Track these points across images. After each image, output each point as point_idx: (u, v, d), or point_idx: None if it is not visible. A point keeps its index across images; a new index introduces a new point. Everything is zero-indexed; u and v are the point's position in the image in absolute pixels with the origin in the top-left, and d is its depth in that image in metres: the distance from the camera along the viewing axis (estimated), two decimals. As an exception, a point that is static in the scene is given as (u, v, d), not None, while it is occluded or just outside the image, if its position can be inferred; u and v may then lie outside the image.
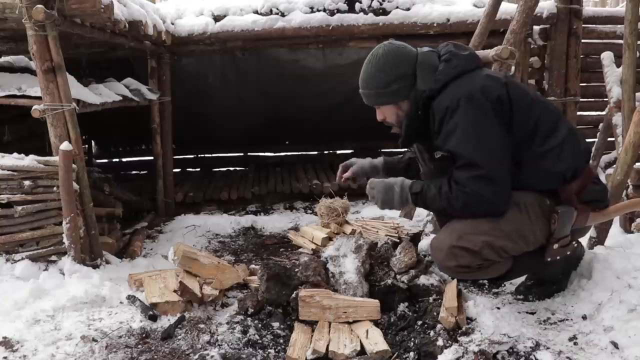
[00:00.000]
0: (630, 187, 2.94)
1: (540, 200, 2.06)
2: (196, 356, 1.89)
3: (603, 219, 2.27)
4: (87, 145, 5.60)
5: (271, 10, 4.23)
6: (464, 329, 1.92)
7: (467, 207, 2.01)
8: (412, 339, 1.94)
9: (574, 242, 2.17)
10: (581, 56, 4.31)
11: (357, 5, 4.22)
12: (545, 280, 2.21)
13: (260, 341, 2.01)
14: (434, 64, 2.10)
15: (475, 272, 2.09)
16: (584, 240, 2.63)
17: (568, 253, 2.14)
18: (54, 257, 2.64)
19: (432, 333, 1.93)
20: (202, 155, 5.96)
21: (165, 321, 2.15)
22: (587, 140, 4.44)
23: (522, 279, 2.30)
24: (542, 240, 2.08)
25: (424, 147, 2.24)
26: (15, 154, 2.67)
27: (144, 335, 2.06)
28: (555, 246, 2.09)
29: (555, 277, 2.21)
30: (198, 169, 5.86)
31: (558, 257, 2.12)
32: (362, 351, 1.90)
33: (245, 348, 1.96)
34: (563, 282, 2.23)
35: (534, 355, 1.81)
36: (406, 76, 2.11)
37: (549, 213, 2.05)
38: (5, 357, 1.90)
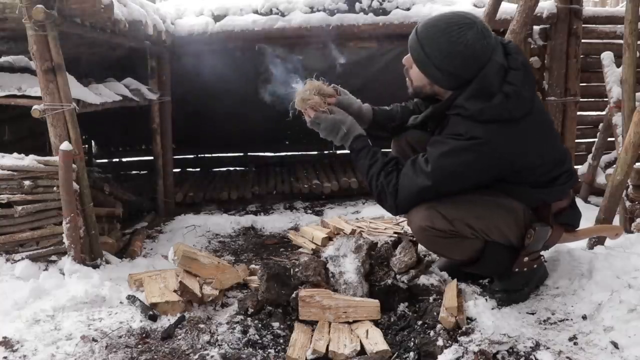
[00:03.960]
0: (630, 187, 2.94)
1: (525, 210, 2.13)
2: (196, 356, 1.89)
3: (573, 239, 2.37)
4: (87, 145, 5.59)
5: (271, 10, 4.23)
6: (464, 329, 1.92)
7: (378, 194, 2.12)
8: (412, 339, 1.94)
9: (542, 257, 2.25)
10: (581, 56, 4.30)
11: (357, 5, 4.22)
12: (508, 288, 2.20)
13: (260, 341, 2.01)
14: (492, 90, 1.96)
15: (448, 240, 2.08)
16: (584, 241, 2.64)
17: (535, 266, 2.21)
18: (54, 257, 2.64)
19: (432, 333, 1.93)
20: (202, 155, 5.95)
21: (165, 321, 2.15)
22: (587, 140, 4.53)
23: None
24: (515, 241, 2.14)
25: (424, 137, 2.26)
26: (15, 154, 2.66)
27: (144, 335, 2.06)
28: (526, 259, 2.16)
29: (517, 286, 2.20)
30: (198, 169, 5.86)
31: (525, 269, 2.18)
32: (362, 351, 1.91)
33: (245, 348, 1.96)
34: (524, 292, 2.22)
35: (534, 355, 1.81)
36: (462, 79, 2.00)
37: (527, 226, 2.12)
38: (5, 357, 1.90)
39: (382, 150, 2.22)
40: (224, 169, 5.85)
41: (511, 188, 2.09)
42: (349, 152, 2.25)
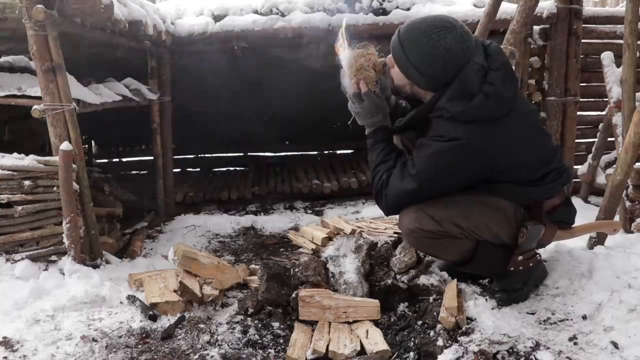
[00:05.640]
0: (630, 187, 2.94)
1: (516, 209, 2.13)
2: (196, 356, 1.89)
3: (568, 237, 2.35)
4: (87, 145, 5.59)
5: (271, 10, 4.23)
6: (464, 329, 1.92)
7: (376, 193, 2.17)
8: (412, 339, 1.94)
9: (537, 255, 2.24)
10: (581, 56, 4.31)
11: (357, 5, 4.22)
12: (507, 288, 2.20)
13: (260, 341, 2.01)
14: (472, 91, 1.98)
15: (438, 241, 2.10)
16: (583, 241, 2.64)
17: (531, 265, 2.21)
18: (54, 257, 2.64)
19: (432, 333, 1.93)
20: (202, 155, 5.95)
21: (165, 321, 2.15)
22: (587, 140, 4.53)
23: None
24: (507, 240, 2.15)
25: (410, 138, 2.27)
26: (15, 154, 2.66)
27: (144, 335, 2.06)
28: (520, 258, 2.17)
29: (516, 286, 2.20)
30: (198, 169, 5.86)
31: (520, 268, 2.18)
32: (362, 351, 1.90)
33: (245, 348, 1.96)
34: (524, 291, 2.22)
35: (534, 355, 1.81)
36: (440, 82, 2.03)
37: (519, 225, 2.13)
38: (5, 357, 1.90)
39: (399, 150, 2.24)
40: (224, 169, 5.86)
41: (499, 187, 2.10)
42: (367, 136, 2.26)
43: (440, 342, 1.86)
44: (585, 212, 3.13)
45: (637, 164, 2.78)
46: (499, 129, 2.00)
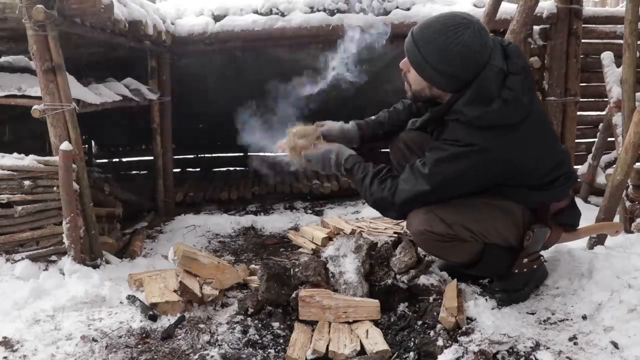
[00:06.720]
0: (630, 187, 2.94)
1: (523, 212, 2.13)
2: (196, 356, 1.89)
3: (573, 238, 2.37)
4: (87, 145, 5.59)
5: (271, 10, 4.23)
6: (464, 329, 1.92)
7: (378, 199, 2.14)
8: (412, 339, 1.94)
9: (541, 257, 2.25)
10: (581, 56, 4.31)
11: (357, 5, 4.22)
12: (508, 289, 2.20)
13: (260, 341, 2.01)
14: (490, 96, 1.94)
15: (447, 244, 2.09)
16: (584, 241, 2.64)
17: (534, 267, 2.21)
18: (54, 257, 2.64)
19: (432, 333, 1.93)
20: (202, 155, 5.95)
21: (165, 321, 2.15)
22: (587, 140, 4.53)
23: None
24: (514, 243, 2.15)
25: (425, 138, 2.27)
26: (15, 154, 2.66)
27: (144, 335, 2.06)
28: (525, 260, 2.17)
29: (517, 286, 2.21)
30: (198, 169, 5.86)
31: (525, 270, 2.18)
32: (362, 351, 1.90)
33: (245, 348, 1.96)
34: (524, 292, 2.22)
35: (534, 355, 1.81)
36: (461, 81, 1.97)
37: (525, 228, 2.13)
38: (5, 357, 1.90)
39: (373, 163, 2.26)
40: (224, 169, 5.85)
41: (509, 191, 2.09)
42: (346, 176, 2.32)
43: (440, 342, 1.86)
44: (586, 212, 3.10)
45: (637, 164, 2.78)
46: (515, 136, 1.97)
